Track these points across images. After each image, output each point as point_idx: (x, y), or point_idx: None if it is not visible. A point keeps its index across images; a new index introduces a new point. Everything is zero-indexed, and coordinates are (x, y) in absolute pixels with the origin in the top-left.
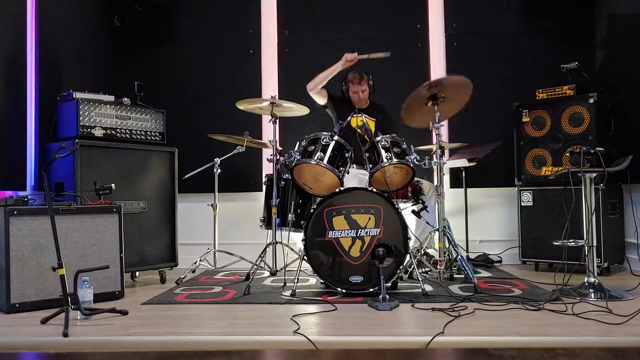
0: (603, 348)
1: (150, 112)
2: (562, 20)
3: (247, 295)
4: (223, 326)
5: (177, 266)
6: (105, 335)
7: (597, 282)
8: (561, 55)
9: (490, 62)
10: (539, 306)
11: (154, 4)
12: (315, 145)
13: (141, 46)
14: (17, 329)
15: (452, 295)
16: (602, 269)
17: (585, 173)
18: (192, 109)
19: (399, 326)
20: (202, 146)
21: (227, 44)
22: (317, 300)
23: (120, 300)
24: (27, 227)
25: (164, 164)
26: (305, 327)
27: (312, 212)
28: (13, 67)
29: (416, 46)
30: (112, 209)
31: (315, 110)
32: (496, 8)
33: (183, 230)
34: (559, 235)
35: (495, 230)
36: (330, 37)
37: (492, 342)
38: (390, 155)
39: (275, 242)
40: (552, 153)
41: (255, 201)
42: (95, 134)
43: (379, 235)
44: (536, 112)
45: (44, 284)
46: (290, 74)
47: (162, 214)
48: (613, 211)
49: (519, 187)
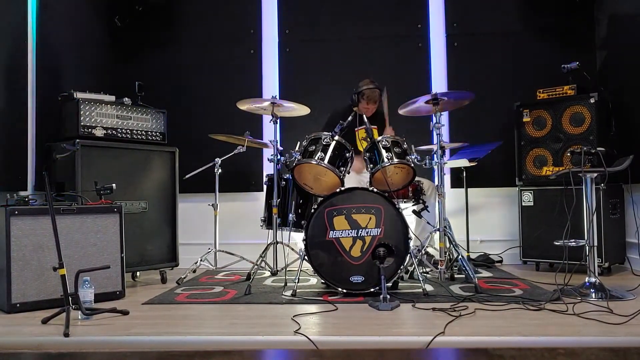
0: (604, 348)
1: (151, 112)
2: (563, 20)
3: (248, 295)
4: (224, 326)
5: (177, 266)
6: (106, 335)
7: (598, 282)
8: (562, 55)
9: (491, 62)
10: (540, 306)
11: (154, 4)
12: (316, 145)
13: (142, 46)
14: (18, 329)
15: (453, 295)
16: (603, 269)
17: (586, 173)
18: (192, 109)
19: (400, 326)
20: (203, 146)
21: (228, 44)
22: (317, 300)
23: (121, 300)
24: (28, 227)
25: (165, 164)
26: (306, 327)
27: (312, 212)
28: (14, 67)
29: (416, 46)
30: (113, 209)
31: (315, 110)
32: (497, 8)
33: (184, 230)
34: (560, 235)
35: (496, 230)
36: (331, 37)
37: (493, 342)
38: (391, 155)
39: (276, 242)
40: (553, 153)
41: (256, 201)
42: (96, 134)
43: (379, 235)
44: (537, 112)
45: (45, 284)
46: (291, 74)
47: (163, 214)
48: (614, 211)
49: (520, 187)
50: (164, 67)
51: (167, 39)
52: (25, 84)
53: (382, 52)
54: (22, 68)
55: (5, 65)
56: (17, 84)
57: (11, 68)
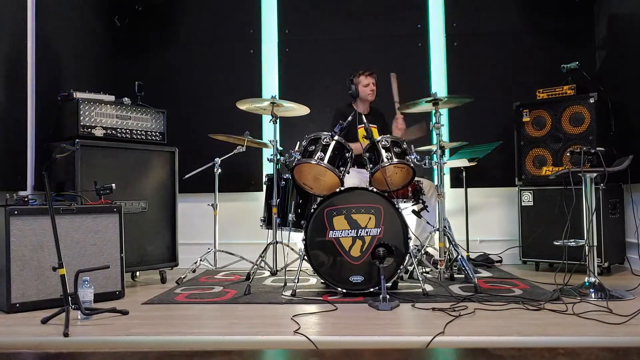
0: (604, 348)
1: (150, 112)
2: (563, 20)
3: (248, 295)
4: (223, 326)
5: (177, 266)
6: (105, 335)
7: (598, 282)
8: (561, 55)
9: (491, 62)
10: (540, 306)
11: (154, 4)
12: (316, 145)
13: (141, 46)
14: (17, 329)
15: (453, 295)
16: (602, 269)
17: (585, 173)
18: (192, 108)
19: (400, 326)
20: (203, 146)
21: (228, 43)
22: (317, 300)
23: (121, 300)
24: (28, 227)
25: (165, 164)
26: (305, 327)
27: (312, 212)
28: (13, 66)
29: (416, 46)
30: (112, 208)
31: (315, 110)
32: (497, 8)
33: (183, 230)
34: (560, 235)
35: (496, 230)
36: (330, 36)
37: (492, 342)
38: (390, 155)
39: (276, 242)
40: (553, 153)
41: (255, 201)
42: (95, 134)
43: (379, 235)
44: (536, 112)
45: (45, 284)
46: (291, 74)
47: (163, 213)
48: (613, 211)
49: (520, 187)
50: (164, 67)
51: (167, 38)
52: (25, 84)
53: (382, 51)
54: (21, 68)
55: (5, 65)
56: (17, 84)
57: (11, 68)
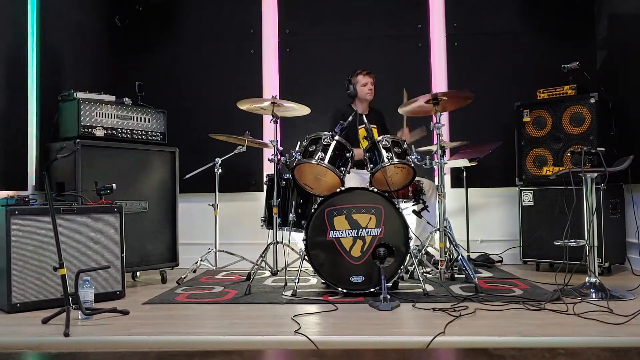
0: (604, 348)
1: (151, 112)
2: (563, 20)
3: (248, 295)
4: (224, 326)
5: (178, 266)
6: (106, 335)
7: (598, 282)
8: (562, 55)
9: (491, 62)
10: (540, 306)
11: (154, 4)
12: (316, 145)
13: (142, 46)
14: (18, 329)
15: (453, 295)
16: (603, 269)
17: (586, 173)
18: (193, 108)
19: (400, 326)
20: (203, 146)
21: (228, 43)
22: (318, 300)
23: (121, 300)
24: (28, 227)
25: (165, 164)
26: (306, 327)
27: (313, 212)
28: (14, 66)
29: (417, 46)
30: (113, 208)
31: (316, 110)
32: (497, 8)
33: (184, 230)
34: (560, 235)
35: (496, 230)
36: (331, 37)
37: (493, 342)
38: (391, 155)
39: (276, 242)
40: (553, 153)
41: (256, 201)
42: (96, 134)
43: (379, 235)
44: (537, 112)
45: (45, 284)
46: (291, 74)
47: (163, 213)
48: (614, 211)
49: (520, 187)
50: (164, 67)
51: (167, 38)
52: (26, 84)
53: (383, 52)
54: (22, 68)
55: (6, 65)
56: (18, 84)
57: (11, 68)
